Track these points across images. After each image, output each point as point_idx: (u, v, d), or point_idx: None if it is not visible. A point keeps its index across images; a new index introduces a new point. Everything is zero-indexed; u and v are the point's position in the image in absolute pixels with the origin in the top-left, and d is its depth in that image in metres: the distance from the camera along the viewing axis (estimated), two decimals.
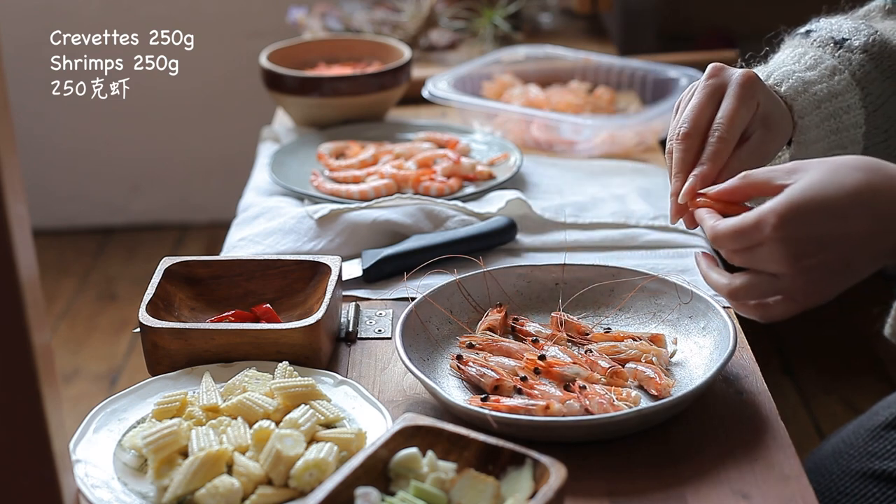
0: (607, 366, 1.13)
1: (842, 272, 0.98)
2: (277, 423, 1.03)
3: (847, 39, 1.23)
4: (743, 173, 1.03)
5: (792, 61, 1.22)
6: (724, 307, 1.19)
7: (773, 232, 0.95)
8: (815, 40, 1.25)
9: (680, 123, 1.11)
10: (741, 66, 1.21)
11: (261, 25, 3.40)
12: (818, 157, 1.16)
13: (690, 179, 1.09)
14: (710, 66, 1.13)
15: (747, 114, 1.11)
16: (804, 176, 0.98)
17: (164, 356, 1.15)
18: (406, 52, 1.88)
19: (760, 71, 1.22)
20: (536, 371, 1.13)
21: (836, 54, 1.22)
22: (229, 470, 0.98)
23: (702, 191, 1.08)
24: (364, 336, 1.25)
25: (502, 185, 1.59)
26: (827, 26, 1.26)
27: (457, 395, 1.12)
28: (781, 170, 1.00)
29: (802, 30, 1.29)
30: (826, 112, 1.19)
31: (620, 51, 2.35)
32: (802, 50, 1.25)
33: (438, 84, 1.85)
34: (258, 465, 0.97)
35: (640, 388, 1.12)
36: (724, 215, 1.03)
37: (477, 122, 1.83)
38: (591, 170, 1.69)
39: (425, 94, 1.83)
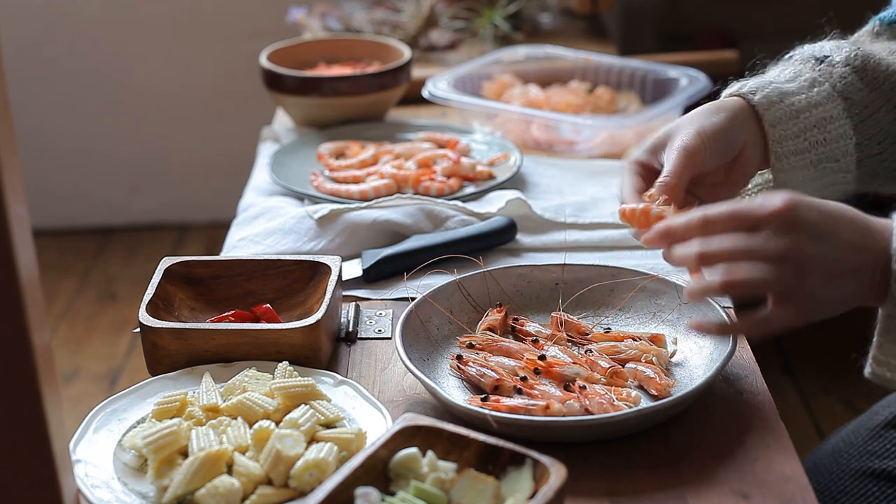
0: (607, 366, 1.13)
1: (831, 279, 0.98)
2: (277, 423, 1.03)
3: (829, 56, 1.25)
4: (727, 203, 1.03)
5: (772, 76, 1.25)
6: (724, 307, 1.19)
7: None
8: (797, 59, 1.27)
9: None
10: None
11: (261, 25, 3.39)
12: (804, 172, 1.21)
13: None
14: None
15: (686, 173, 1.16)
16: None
17: (164, 356, 1.15)
18: (406, 52, 1.88)
19: (740, 84, 1.24)
20: (536, 371, 1.13)
21: (818, 69, 1.24)
22: (229, 470, 0.98)
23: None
24: (364, 336, 1.25)
25: (502, 185, 1.59)
26: (809, 48, 1.28)
27: (457, 395, 1.12)
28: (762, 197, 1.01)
29: (787, 55, 1.30)
30: (806, 123, 1.20)
31: (620, 51, 2.35)
32: (783, 66, 1.27)
33: (438, 84, 1.85)
34: (258, 465, 0.97)
35: (640, 388, 1.12)
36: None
37: (477, 122, 1.83)
38: (591, 170, 1.69)
39: (425, 94, 1.83)
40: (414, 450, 0.93)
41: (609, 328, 1.21)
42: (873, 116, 1.23)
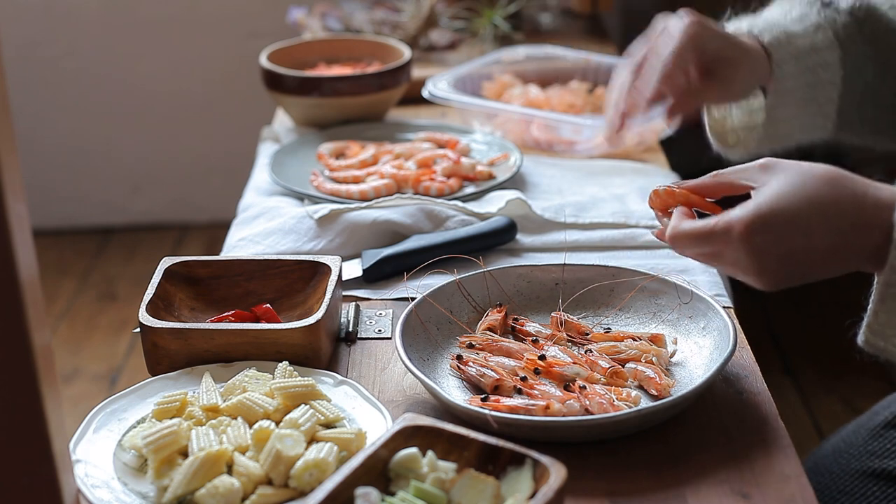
0: (607, 366, 1.13)
1: (803, 278, 1.00)
2: (277, 423, 1.03)
3: (832, 1, 1.29)
4: (714, 172, 1.06)
5: (779, 15, 1.29)
6: (724, 307, 1.19)
7: (738, 241, 0.96)
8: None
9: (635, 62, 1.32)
10: (729, 18, 1.34)
11: (261, 25, 3.40)
12: (791, 109, 1.30)
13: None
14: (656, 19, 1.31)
15: (689, 55, 1.26)
16: (773, 182, 0.98)
17: (164, 356, 1.15)
18: (406, 52, 1.88)
19: (747, 22, 1.30)
20: (536, 371, 1.13)
21: (823, 13, 1.28)
22: (229, 470, 0.98)
23: (674, 183, 1.10)
24: (364, 336, 1.25)
25: (502, 185, 1.59)
26: None
27: (457, 395, 1.12)
28: (751, 169, 1.02)
29: None
30: (805, 65, 1.26)
31: (620, 51, 2.34)
32: (790, 6, 1.31)
33: (438, 84, 1.85)
34: (258, 465, 0.97)
35: (640, 388, 1.12)
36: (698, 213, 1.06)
37: (477, 122, 1.83)
38: (591, 170, 1.69)
39: (425, 94, 1.83)
40: (414, 450, 0.93)
41: (609, 328, 1.21)
42: (861, 70, 1.27)
